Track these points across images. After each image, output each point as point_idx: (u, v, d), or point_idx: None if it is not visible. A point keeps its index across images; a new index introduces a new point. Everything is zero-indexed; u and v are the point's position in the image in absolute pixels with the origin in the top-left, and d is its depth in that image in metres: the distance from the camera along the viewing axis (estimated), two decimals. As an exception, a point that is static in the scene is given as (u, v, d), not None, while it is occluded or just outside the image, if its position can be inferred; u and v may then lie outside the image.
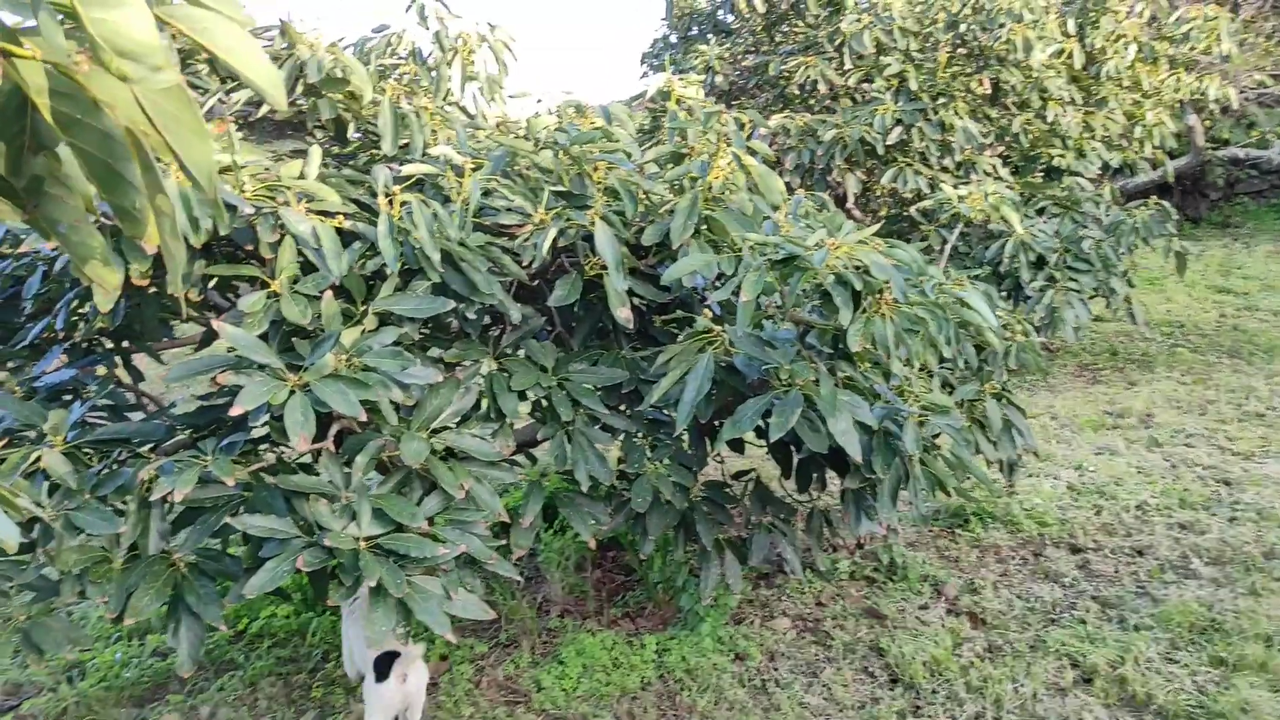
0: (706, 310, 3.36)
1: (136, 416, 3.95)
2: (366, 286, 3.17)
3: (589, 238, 3.27)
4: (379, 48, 4.85)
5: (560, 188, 3.39)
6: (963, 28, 8.30)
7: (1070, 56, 8.72)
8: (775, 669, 4.03)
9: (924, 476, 3.26)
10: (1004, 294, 8.09)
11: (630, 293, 3.47)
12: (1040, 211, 8.49)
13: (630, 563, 5.06)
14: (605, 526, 3.73)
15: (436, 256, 2.99)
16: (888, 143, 7.81)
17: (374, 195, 3.18)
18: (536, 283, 3.74)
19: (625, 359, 3.73)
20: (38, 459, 2.98)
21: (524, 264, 3.27)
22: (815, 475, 3.85)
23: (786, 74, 8.39)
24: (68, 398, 3.66)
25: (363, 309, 3.05)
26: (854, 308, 2.78)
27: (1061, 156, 8.68)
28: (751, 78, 9.06)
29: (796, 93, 8.46)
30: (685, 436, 3.81)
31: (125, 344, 3.97)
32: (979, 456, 4.69)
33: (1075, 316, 7.72)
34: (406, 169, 3.14)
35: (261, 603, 4.68)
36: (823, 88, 8.21)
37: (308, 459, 3.27)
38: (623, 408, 3.82)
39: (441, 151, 3.23)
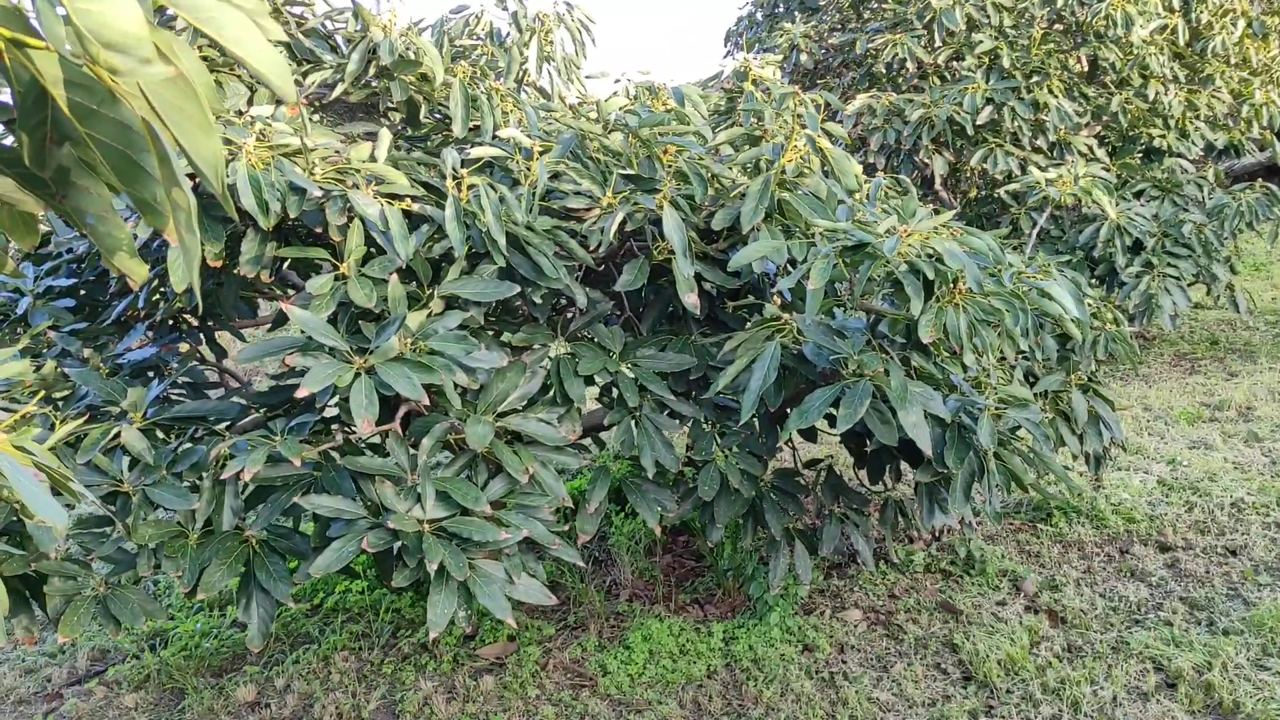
0: (776, 297, 3.29)
1: (217, 394, 4.05)
2: (434, 270, 3.18)
3: (657, 222, 3.22)
4: (457, 29, 4.86)
5: (629, 171, 3.34)
6: (1059, 3, 7.99)
7: (1174, 32, 8.35)
8: (844, 661, 3.96)
9: (999, 472, 3.15)
10: (1097, 280, 7.82)
11: (699, 278, 3.43)
12: (1138, 194, 8.18)
13: (700, 549, 5.03)
14: (672, 513, 3.70)
15: (502, 240, 2.98)
16: (977, 122, 7.58)
17: (444, 178, 3.18)
18: (605, 267, 3.72)
19: (694, 345, 3.69)
20: (117, 435, 3.06)
21: (591, 248, 3.24)
22: (888, 466, 3.76)
23: (873, 52, 8.20)
24: (151, 374, 3.77)
25: (429, 292, 3.06)
26: (926, 297, 2.68)
27: (1162, 137, 8.33)
28: (837, 56, 8.86)
29: (883, 71, 8.27)
30: (754, 424, 3.75)
31: (210, 322, 4.06)
32: (1063, 450, 4.55)
33: (1173, 304, 7.42)
34: (474, 152, 3.14)
35: (336, 578, 4.77)
36: (911, 66, 8.00)
37: (379, 439, 3.31)
38: (692, 394, 3.78)
39: (510, 134, 3.21)
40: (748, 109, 3.58)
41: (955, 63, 8.08)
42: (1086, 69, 8.52)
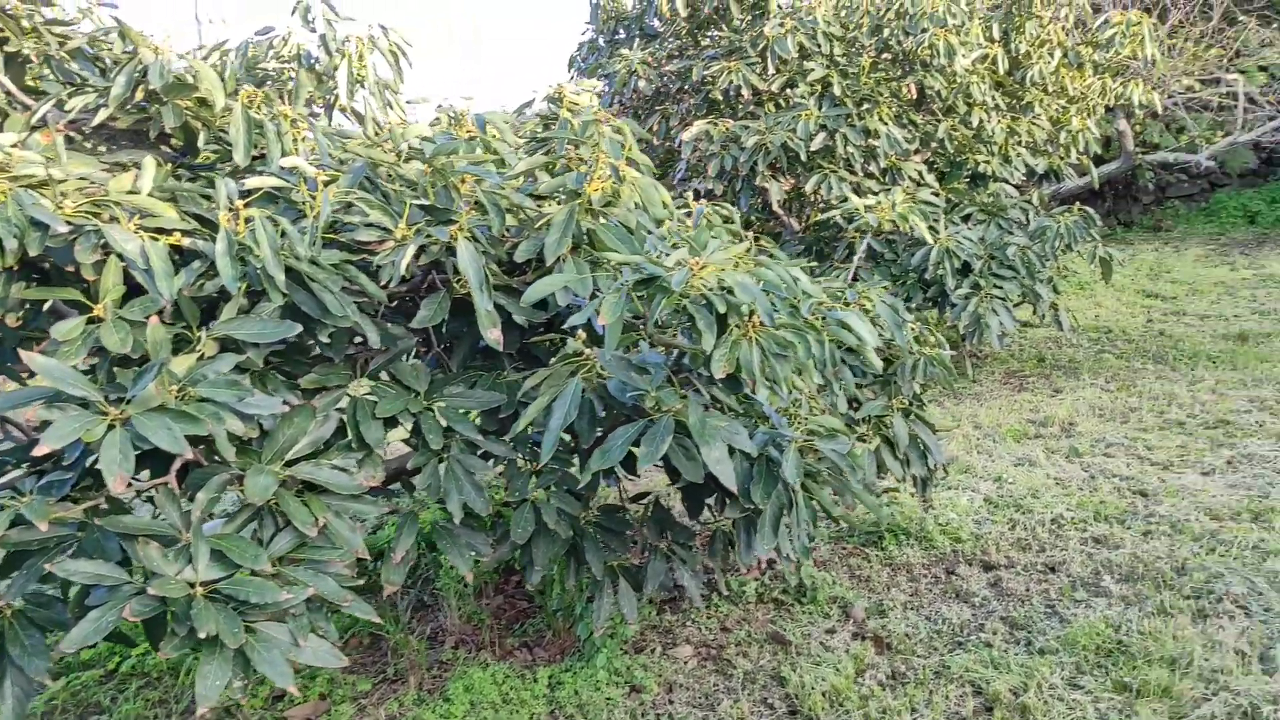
0: (581, 331, 3.17)
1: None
2: (210, 309, 2.95)
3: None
4: (262, 52, 4.62)
5: (424, 201, 3.18)
6: (886, 32, 8.20)
7: (994, 62, 8.67)
8: (671, 702, 3.85)
9: (805, 505, 3.10)
10: (930, 301, 8.02)
11: (505, 311, 3.28)
12: (966, 218, 8.44)
13: (532, 590, 4.86)
14: (487, 557, 3.53)
15: (280, 276, 2.77)
16: (811, 149, 7.68)
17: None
18: (412, 301, 3.54)
19: (505, 381, 3.54)
20: None
21: (383, 283, 3.06)
22: (709, 501, 3.68)
23: (710, 78, 8.24)
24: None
25: (199, 334, 2.82)
26: (719, 331, 2.60)
27: (987, 163, 8.63)
28: (676, 82, 8.89)
29: (720, 98, 8.32)
30: (574, 462, 3.63)
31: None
32: (885, 476, 4.57)
33: (1000, 324, 7.65)
34: (250, 182, 2.92)
35: (136, 639, 4.41)
36: (746, 93, 8.07)
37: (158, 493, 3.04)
38: (506, 433, 3.63)
39: (293, 163, 3.01)
40: (559, 136, 3.47)
41: (789, 90, 8.19)
42: (915, 96, 8.77)
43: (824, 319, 2.90)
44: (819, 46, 8.10)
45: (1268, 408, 6.88)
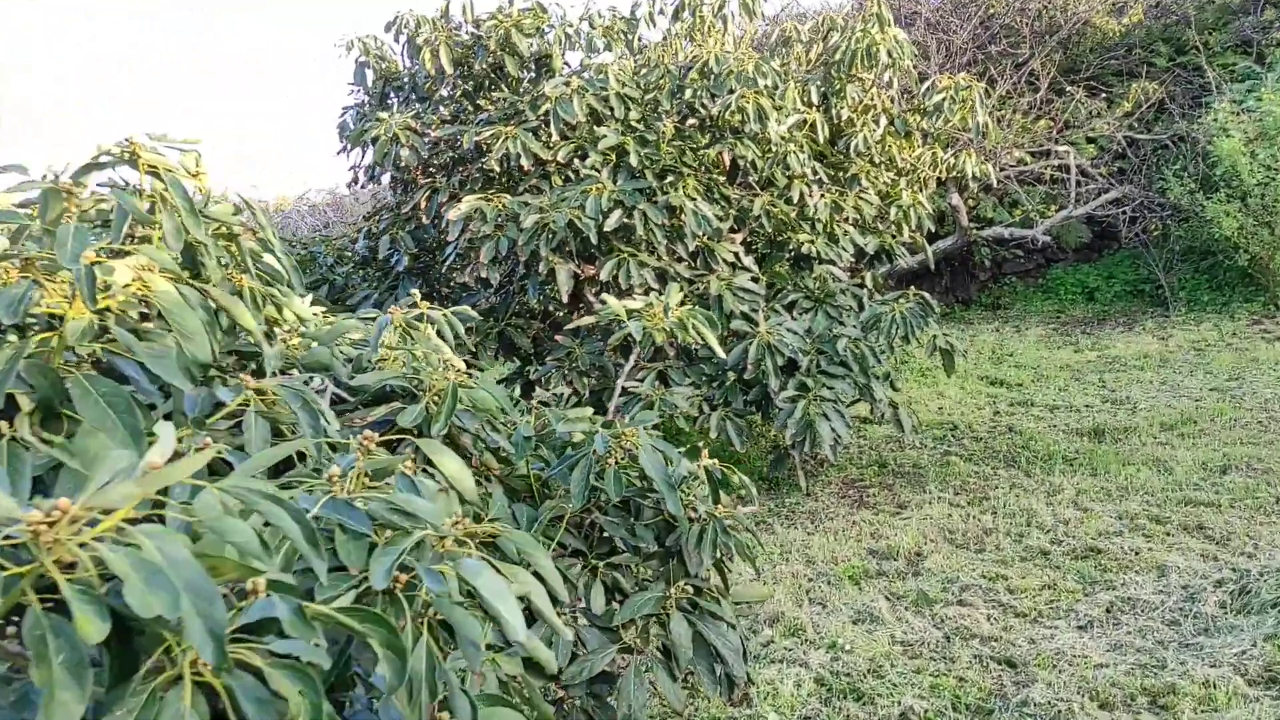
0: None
1: None
2: None
3: None
4: None
5: None
6: (689, 94, 7.06)
7: (814, 128, 7.65)
8: None
9: None
10: (751, 405, 6.80)
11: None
12: (790, 306, 7.28)
13: None
14: None
15: None
16: (606, 229, 6.39)
17: None
18: None
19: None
20: None
21: None
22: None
23: (485, 145, 6.89)
24: None
25: None
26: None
27: (811, 242, 7.51)
28: (447, 151, 7.53)
29: (498, 169, 6.96)
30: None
31: None
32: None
33: (832, 431, 6.47)
34: None
35: None
36: (526, 163, 6.73)
37: None
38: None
39: None
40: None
41: (579, 160, 6.91)
42: (728, 168, 7.63)
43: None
44: (612, 110, 6.87)
45: (1139, 527, 5.83)
